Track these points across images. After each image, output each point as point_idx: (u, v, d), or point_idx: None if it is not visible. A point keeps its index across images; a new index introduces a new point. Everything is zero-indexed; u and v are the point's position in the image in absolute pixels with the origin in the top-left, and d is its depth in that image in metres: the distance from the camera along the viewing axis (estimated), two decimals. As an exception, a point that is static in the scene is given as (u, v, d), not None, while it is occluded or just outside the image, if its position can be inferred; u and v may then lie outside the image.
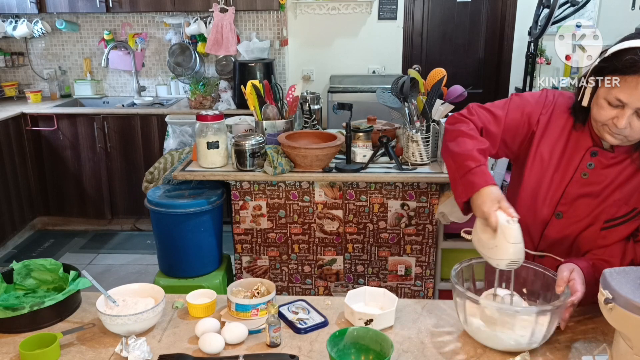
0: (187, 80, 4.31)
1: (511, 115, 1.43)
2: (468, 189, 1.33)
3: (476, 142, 1.39)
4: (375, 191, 2.45)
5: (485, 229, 1.27)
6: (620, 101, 1.19)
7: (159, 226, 2.52)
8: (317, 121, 2.88)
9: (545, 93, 1.45)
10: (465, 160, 1.35)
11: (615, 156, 1.33)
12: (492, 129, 1.43)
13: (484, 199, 1.27)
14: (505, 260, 1.22)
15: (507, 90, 4.53)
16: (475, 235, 1.31)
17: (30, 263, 1.50)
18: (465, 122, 1.44)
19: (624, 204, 1.33)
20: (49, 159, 4.02)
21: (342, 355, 1.17)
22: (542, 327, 1.17)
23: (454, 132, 1.44)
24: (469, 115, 1.46)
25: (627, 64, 1.16)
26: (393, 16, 4.33)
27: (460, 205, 1.37)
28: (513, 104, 1.45)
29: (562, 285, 1.21)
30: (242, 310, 1.32)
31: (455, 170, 1.38)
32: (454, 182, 1.40)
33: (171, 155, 2.99)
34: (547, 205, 1.40)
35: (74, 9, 4.04)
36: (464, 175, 1.34)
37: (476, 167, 1.33)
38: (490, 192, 1.28)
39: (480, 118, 1.44)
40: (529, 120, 1.42)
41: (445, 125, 1.52)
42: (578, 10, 3.36)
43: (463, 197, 1.34)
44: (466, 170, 1.34)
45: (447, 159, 1.45)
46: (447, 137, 1.47)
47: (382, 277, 2.60)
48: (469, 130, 1.41)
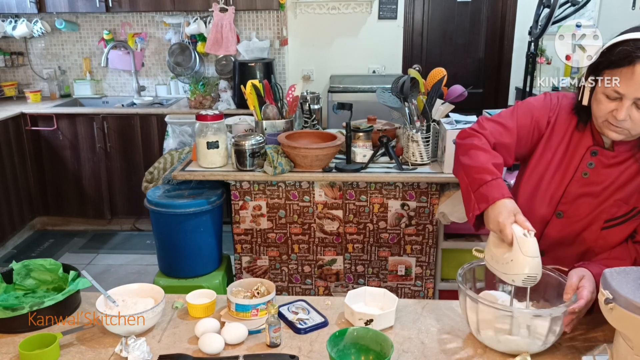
0: (186, 80, 4.31)
1: (521, 123, 1.43)
2: (482, 201, 1.29)
3: (490, 155, 1.38)
4: (376, 191, 2.45)
5: (500, 244, 1.23)
6: (618, 93, 1.20)
7: (158, 226, 2.52)
8: (317, 121, 2.88)
9: (549, 96, 1.46)
10: (479, 173, 1.34)
11: (615, 155, 1.33)
12: (506, 140, 1.43)
13: (500, 210, 1.24)
14: (521, 275, 1.16)
15: (508, 90, 4.53)
16: (489, 252, 1.27)
17: (30, 263, 1.50)
18: (477, 136, 1.44)
19: (624, 204, 1.33)
20: (49, 159, 4.02)
21: (342, 355, 1.17)
22: (542, 332, 1.16)
23: (466, 146, 1.43)
24: (480, 129, 1.45)
25: (621, 55, 1.18)
26: (393, 16, 4.33)
27: (472, 219, 1.34)
28: (521, 112, 1.45)
29: (570, 293, 1.19)
30: (242, 311, 1.32)
31: (469, 184, 1.36)
32: (466, 195, 1.36)
33: (171, 155, 2.98)
34: (547, 204, 1.40)
35: (73, 9, 4.04)
36: (478, 188, 1.32)
37: (492, 180, 1.31)
38: (506, 204, 1.25)
39: (492, 132, 1.43)
40: (538, 125, 1.42)
41: (456, 140, 1.51)
42: (578, 10, 3.36)
43: (476, 210, 1.31)
44: (481, 182, 1.32)
45: (459, 172, 1.42)
46: (459, 152, 1.46)
47: (382, 277, 2.59)
48: (482, 144, 1.41)
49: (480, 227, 1.35)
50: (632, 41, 1.19)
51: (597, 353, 1.16)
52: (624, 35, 1.22)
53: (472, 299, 1.19)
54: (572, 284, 1.20)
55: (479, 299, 1.18)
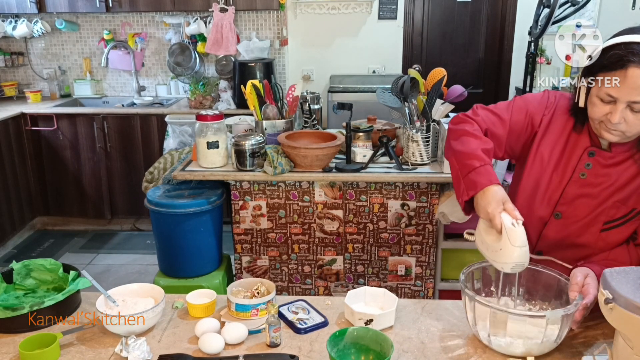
0: (187, 80, 4.31)
1: (515, 117, 1.43)
2: (471, 188, 1.31)
3: (480, 141, 1.38)
4: (376, 191, 2.45)
5: (490, 231, 1.26)
6: (611, 96, 1.21)
7: (158, 226, 2.52)
8: (317, 121, 2.88)
9: (547, 94, 1.46)
10: (469, 159, 1.34)
11: (613, 156, 1.33)
12: (498, 131, 1.43)
13: (489, 200, 1.26)
14: (510, 263, 1.21)
15: (508, 90, 4.53)
16: (479, 237, 1.30)
17: (30, 263, 1.50)
18: (470, 122, 1.44)
19: (622, 205, 1.33)
20: (49, 159, 4.02)
21: (342, 355, 1.17)
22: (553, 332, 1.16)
23: (458, 132, 1.43)
24: (474, 115, 1.46)
25: (613, 59, 1.19)
26: (393, 16, 4.33)
27: (462, 204, 1.36)
28: (516, 106, 1.45)
29: (576, 290, 1.19)
30: (242, 310, 1.32)
31: (459, 169, 1.37)
32: (456, 180, 1.38)
33: (171, 155, 2.99)
34: (546, 204, 1.40)
35: (73, 9, 4.04)
36: (467, 174, 1.34)
37: (480, 166, 1.32)
38: (495, 192, 1.27)
39: (484, 119, 1.44)
40: (532, 122, 1.42)
41: (449, 125, 1.52)
42: (578, 10, 3.36)
43: (465, 196, 1.33)
44: (470, 169, 1.33)
45: (450, 157, 1.44)
46: (450, 136, 1.47)
47: (382, 277, 2.60)
48: (474, 130, 1.41)
49: (471, 211, 1.36)
50: (624, 45, 1.19)
51: (597, 353, 1.16)
52: (617, 38, 1.22)
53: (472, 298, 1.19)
54: (579, 282, 1.20)
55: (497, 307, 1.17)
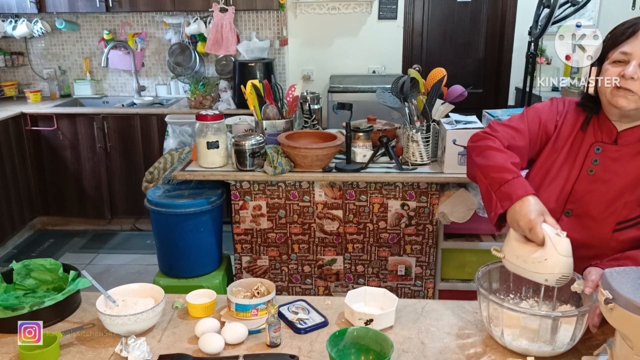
0: (187, 80, 4.31)
1: (531, 127, 1.46)
2: (505, 199, 1.28)
3: (507, 155, 1.39)
4: (375, 191, 2.45)
5: (525, 243, 1.21)
6: (625, 53, 1.26)
7: (158, 226, 2.52)
8: (317, 121, 2.88)
9: (556, 102, 1.50)
10: (499, 172, 1.33)
11: (619, 149, 1.34)
12: (519, 143, 1.44)
13: (529, 209, 1.23)
14: (557, 274, 1.16)
15: (507, 90, 4.53)
16: (512, 251, 1.24)
17: (30, 263, 1.50)
18: (491, 139, 1.44)
19: (636, 206, 1.32)
20: (49, 159, 4.02)
21: (342, 355, 1.17)
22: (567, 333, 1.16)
23: (480, 148, 1.44)
24: (493, 132, 1.47)
25: (621, 31, 1.29)
26: (393, 16, 4.33)
27: (494, 219, 1.32)
28: (530, 116, 1.48)
29: (592, 287, 1.17)
30: (242, 310, 1.32)
31: (488, 184, 1.35)
32: (487, 195, 1.36)
33: (171, 155, 2.98)
34: (555, 201, 1.40)
35: (73, 9, 4.04)
36: (499, 187, 1.31)
37: (513, 178, 1.31)
38: (535, 202, 1.25)
39: (504, 135, 1.45)
40: (546, 129, 1.46)
41: (468, 143, 1.51)
42: (578, 10, 3.36)
43: (500, 209, 1.30)
44: (502, 181, 1.31)
45: (476, 174, 1.42)
46: (473, 153, 1.46)
47: (382, 277, 2.59)
48: (497, 145, 1.42)
49: (502, 226, 1.34)
50: (629, 20, 1.28)
51: (597, 353, 1.16)
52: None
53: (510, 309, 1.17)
54: (594, 280, 1.18)
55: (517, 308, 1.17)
